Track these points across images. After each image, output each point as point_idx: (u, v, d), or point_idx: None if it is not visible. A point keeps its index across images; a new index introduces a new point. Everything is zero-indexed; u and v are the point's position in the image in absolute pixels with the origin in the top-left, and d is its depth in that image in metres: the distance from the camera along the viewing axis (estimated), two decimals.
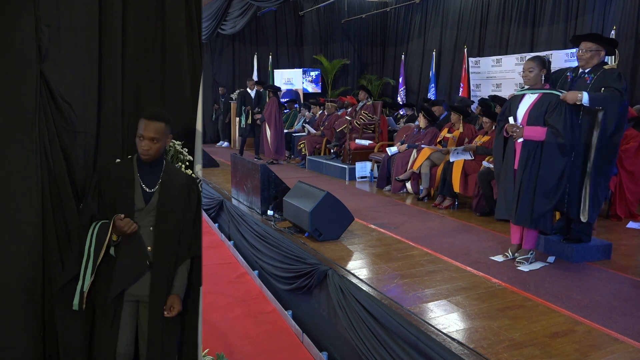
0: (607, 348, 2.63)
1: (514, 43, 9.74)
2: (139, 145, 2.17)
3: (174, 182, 2.25)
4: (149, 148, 2.16)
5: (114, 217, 2.11)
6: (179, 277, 2.25)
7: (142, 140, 2.16)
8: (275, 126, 9.14)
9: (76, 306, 2.13)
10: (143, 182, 2.21)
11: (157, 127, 2.16)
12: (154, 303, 2.17)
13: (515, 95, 3.98)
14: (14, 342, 2.14)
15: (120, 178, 2.20)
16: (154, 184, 2.22)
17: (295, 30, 13.79)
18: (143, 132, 2.15)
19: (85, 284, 2.12)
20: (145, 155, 2.18)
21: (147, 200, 2.20)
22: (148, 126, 2.15)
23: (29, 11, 2.08)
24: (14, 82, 2.08)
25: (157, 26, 2.43)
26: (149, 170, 2.23)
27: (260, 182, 5.31)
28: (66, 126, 2.21)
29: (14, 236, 2.11)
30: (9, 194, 2.10)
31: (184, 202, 2.25)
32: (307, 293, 3.92)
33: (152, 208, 2.20)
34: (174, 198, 2.22)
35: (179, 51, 2.46)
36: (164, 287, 2.20)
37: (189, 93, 2.50)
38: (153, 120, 2.16)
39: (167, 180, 2.24)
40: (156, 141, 2.17)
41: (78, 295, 2.13)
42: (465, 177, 5.67)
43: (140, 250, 2.16)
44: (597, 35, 3.98)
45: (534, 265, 3.86)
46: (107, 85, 2.33)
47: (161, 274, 2.19)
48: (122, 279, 2.14)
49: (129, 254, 2.15)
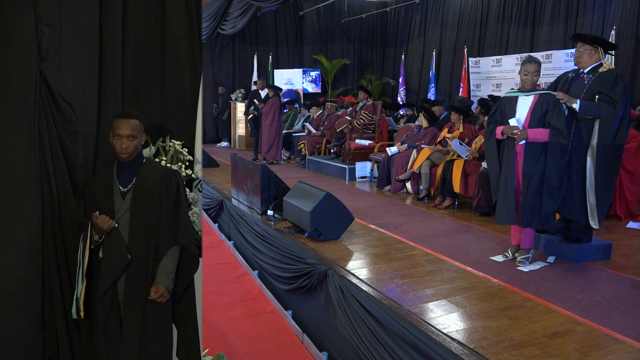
0: (607, 348, 2.63)
1: (514, 43, 9.74)
2: (117, 145, 2.19)
3: (150, 177, 2.26)
4: (127, 146, 2.19)
5: (92, 216, 2.14)
6: (162, 268, 2.22)
7: (119, 139, 2.18)
8: (274, 126, 9.12)
9: (74, 314, 2.15)
10: (120, 183, 2.24)
11: (133, 124, 2.19)
12: (128, 300, 2.18)
13: (508, 97, 3.95)
14: (14, 342, 2.13)
15: (101, 183, 2.25)
16: (130, 182, 2.25)
17: (295, 30, 13.79)
18: (120, 131, 2.18)
19: (78, 290, 2.14)
20: (125, 154, 2.20)
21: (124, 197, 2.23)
22: (124, 124, 2.18)
23: (29, 11, 2.08)
24: (13, 82, 2.08)
25: (157, 26, 2.43)
26: (127, 170, 2.25)
27: (260, 182, 5.31)
28: (66, 126, 2.21)
29: (13, 236, 2.11)
30: (8, 193, 2.10)
31: (160, 195, 2.25)
32: (307, 293, 3.92)
33: (127, 205, 2.22)
34: (148, 192, 2.23)
35: (179, 51, 2.46)
36: (141, 284, 2.19)
37: (189, 93, 2.50)
38: (128, 118, 2.19)
39: (142, 176, 2.26)
40: (133, 138, 2.19)
41: (74, 302, 2.16)
42: (465, 177, 5.67)
43: (119, 245, 2.18)
44: (587, 35, 3.99)
45: (534, 265, 3.86)
46: (107, 86, 2.34)
47: (136, 271, 2.19)
48: (106, 276, 2.16)
49: (111, 251, 2.18)
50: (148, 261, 2.21)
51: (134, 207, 2.21)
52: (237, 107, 11.65)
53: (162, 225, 2.23)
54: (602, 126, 3.68)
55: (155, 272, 2.22)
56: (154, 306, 2.21)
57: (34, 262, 2.16)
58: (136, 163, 2.26)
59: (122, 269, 2.18)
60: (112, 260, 2.17)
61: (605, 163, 3.74)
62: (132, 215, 2.21)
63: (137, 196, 2.22)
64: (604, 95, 3.66)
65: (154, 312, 2.22)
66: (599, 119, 3.68)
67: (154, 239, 2.23)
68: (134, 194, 2.22)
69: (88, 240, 2.15)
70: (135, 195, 2.22)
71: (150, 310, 2.20)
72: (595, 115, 3.69)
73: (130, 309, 2.18)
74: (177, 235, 2.24)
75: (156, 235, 2.23)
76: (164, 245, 2.23)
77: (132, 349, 2.17)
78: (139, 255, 2.20)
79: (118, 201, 2.22)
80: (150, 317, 2.21)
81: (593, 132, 3.74)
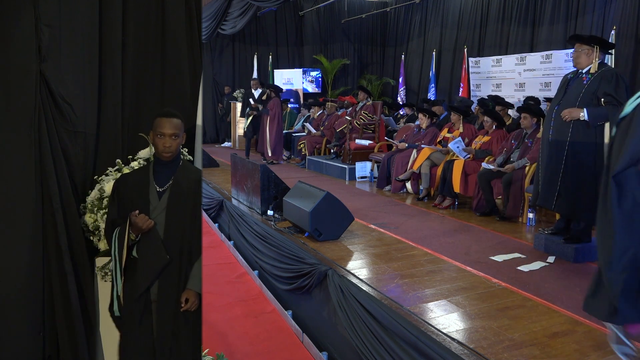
0: (607, 348, 2.63)
1: (514, 43, 9.73)
2: (160, 144, 2.19)
3: (187, 178, 2.26)
4: (170, 145, 2.19)
5: (130, 215, 2.13)
6: (195, 272, 2.23)
7: (162, 138, 2.19)
8: (278, 127, 9.13)
9: (117, 312, 2.14)
10: (156, 182, 2.23)
11: (176, 123, 2.21)
12: (161, 302, 2.17)
13: None
14: (14, 342, 2.14)
15: (136, 182, 2.23)
16: (167, 182, 2.24)
17: (295, 30, 13.78)
18: (164, 130, 2.18)
19: (118, 287, 2.13)
20: (167, 153, 2.20)
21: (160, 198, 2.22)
22: (167, 123, 2.19)
23: (29, 11, 2.08)
24: (14, 82, 2.08)
25: (157, 26, 2.44)
26: (164, 170, 2.25)
27: (260, 182, 5.31)
28: (66, 126, 2.21)
29: (14, 236, 2.12)
30: (9, 193, 2.10)
31: (195, 197, 2.26)
32: (307, 293, 3.92)
33: (164, 205, 2.21)
34: (184, 193, 2.23)
35: (179, 51, 2.46)
36: (174, 286, 2.19)
37: (189, 93, 2.50)
38: (171, 117, 2.20)
39: (179, 177, 2.26)
40: (175, 137, 2.21)
41: (116, 300, 2.14)
42: (465, 177, 5.67)
43: (157, 246, 2.16)
44: (584, 35, 4.00)
45: (534, 265, 3.86)
46: (107, 85, 2.34)
47: (169, 272, 2.18)
48: (144, 277, 2.15)
49: (148, 251, 2.16)
50: (182, 263, 2.20)
51: (170, 207, 2.20)
52: (237, 107, 11.65)
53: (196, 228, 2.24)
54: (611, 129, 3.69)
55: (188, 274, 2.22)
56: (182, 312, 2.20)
57: (34, 262, 2.17)
58: (174, 163, 2.26)
59: (160, 269, 2.16)
60: (149, 261, 2.15)
61: None
62: (167, 215, 2.19)
63: (173, 196, 2.21)
64: (610, 97, 3.67)
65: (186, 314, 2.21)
66: (609, 122, 3.69)
67: (188, 241, 2.22)
68: (171, 194, 2.22)
69: (126, 238, 2.12)
70: (172, 195, 2.22)
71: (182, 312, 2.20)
72: (605, 119, 3.72)
73: (163, 311, 2.17)
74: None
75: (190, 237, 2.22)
76: (198, 249, 2.24)
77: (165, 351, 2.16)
78: (173, 256, 2.19)
79: (154, 200, 2.21)
80: (182, 319, 2.20)
81: (603, 133, 3.76)
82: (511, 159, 5.36)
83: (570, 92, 3.86)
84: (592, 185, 3.80)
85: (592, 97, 3.75)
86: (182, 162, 2.31)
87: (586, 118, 3.71)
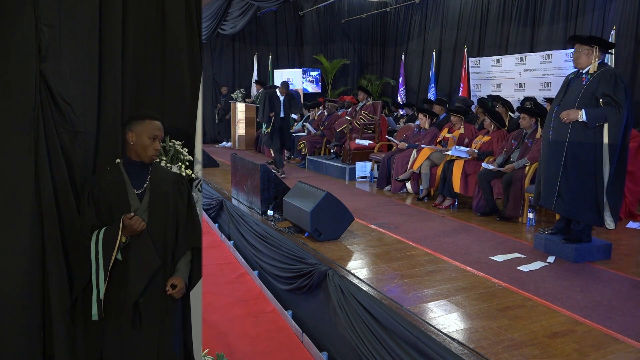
0: (607, 348, 2.63)
1: (514, 43, 9.74)
2: (152, 147, 2.17)
3: (163, 179, 2.26)
4: (158, 147, 2.20)
5: (123, 218, 2.10)
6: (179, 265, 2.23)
7: (154, 141, 2.18)
8: None
9: (95, 316, 2.11)
10: (133, 184, 2.21)
11: (160, 125, 2.21)
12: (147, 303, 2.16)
13: None
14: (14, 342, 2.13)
15: (111, 184, 2.20)
16: (143, 184, 2.23)
17: (295, 30, 13.79)
18: (157, 132, 2.18)
19: (101, 291, 2.10)
20: (156, 155, 2.21)
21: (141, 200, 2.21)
22: (157, 125, 2.19)
23: (29, 11, 2.08)
24: (13, 82, 2.08)
25: (157, 26, 2.43)
26: (139, 171, 2.23)
27: (260, 182, 5.31)
28: (66, 126, 2.20)
29: (13, 236, 2.11)
30: (8, 193, 2.10)
31: (176, 198, 2.25)
32: (307, 293, 3.92)
33: (145, 207, 2.20)
34: (165, 195, 2.23)
35: (179, 51, 2.46)
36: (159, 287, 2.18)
37: (189, 93, 2.50)
38: (155, 120, 2.20)
39: (155, 178, 2.25)
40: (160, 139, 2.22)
41: (95, 304, 2.10)
42: (465, 177, 5.67)
43: (149, 248, 2.15)
44: (583, 36, 4.00)
45: (534, 265, 3.86)
46: (107, 86, 2.33)
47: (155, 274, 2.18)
48: (138, 280, 2.13)
49: (140, 253, 2.14)
50: (165, 264, 2.20)
51: (151, 209, 2.19)
52: (237, 107, 11.64)
53: (180, 228, 2.23)
54: (610, 129, 3.70)
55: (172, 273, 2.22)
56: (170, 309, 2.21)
57: (33, 262, 2.16)
58: (148, 164, 2.25)
59: (154, 272, 2.15)
60: (142, 264, 2.14)
61: (616, 163, 3.76)
62: (150, 217, 2.18)
63: (154, 198, 2.20)
64: (608, 98, 3.67)
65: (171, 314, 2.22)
66: (608, 122, 3.70)
67: (171, 242, 2.22)
68: (152, 196, 2.20)
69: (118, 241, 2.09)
70: (153, 196, 2.20)
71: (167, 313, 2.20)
72: (604, 120, 3.72)
73: (149, 312, 2.16)
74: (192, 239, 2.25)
75: (172, 238, 2.22)
76: (180, 250, 2.23)
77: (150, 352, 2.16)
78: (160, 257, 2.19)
79: (134, 202, 2.19)
80: (167, 319, 2.20)
81: (603, 134, 3.76)
82: (511, 159, 5.36)
83: (570, 92, 3.87)
84: (592, 185, 3.80)
85: (591, 98, 3.76)
86: (154, 163, 2.29)
87: (584, 119, 3.71)
